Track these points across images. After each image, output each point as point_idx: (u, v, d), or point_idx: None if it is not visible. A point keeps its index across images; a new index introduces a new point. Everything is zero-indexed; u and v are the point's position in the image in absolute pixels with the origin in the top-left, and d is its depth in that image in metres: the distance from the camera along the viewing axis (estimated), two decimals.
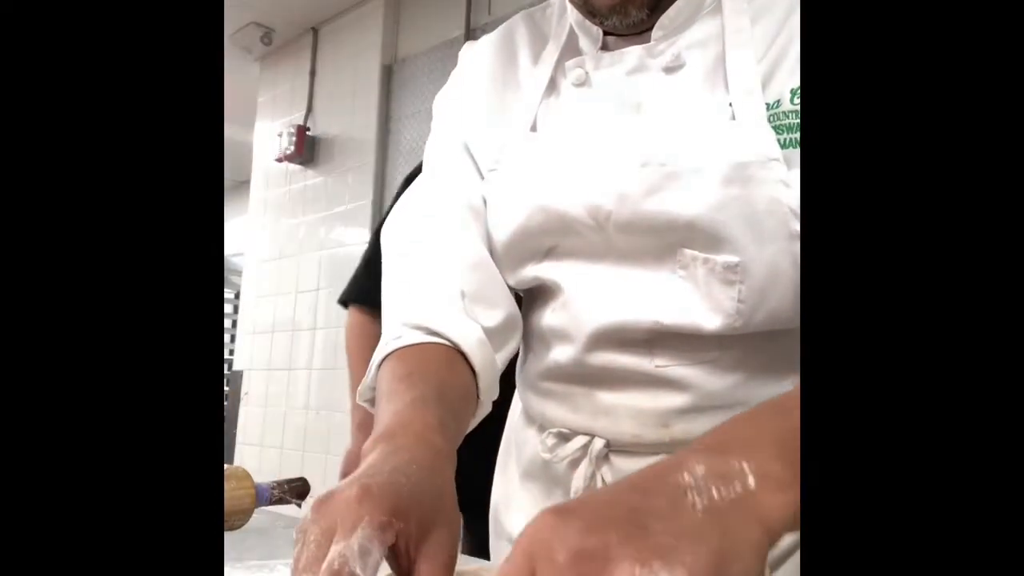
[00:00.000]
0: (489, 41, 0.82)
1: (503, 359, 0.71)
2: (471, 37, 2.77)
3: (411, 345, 0.64)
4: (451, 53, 2.31)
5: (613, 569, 0.33)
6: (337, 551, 0.42)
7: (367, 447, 0.52)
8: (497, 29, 0.82)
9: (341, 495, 0.45)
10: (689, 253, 0.64)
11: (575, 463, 0.71)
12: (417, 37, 3.11)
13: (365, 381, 0.65)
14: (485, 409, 0.67)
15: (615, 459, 0.69)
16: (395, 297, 0.71)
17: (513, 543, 0.36)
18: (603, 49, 0.71)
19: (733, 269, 0.62)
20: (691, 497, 0.36)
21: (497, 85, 0.77)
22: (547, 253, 0.71)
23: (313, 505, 0.46)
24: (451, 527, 0.47)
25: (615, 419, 0.68)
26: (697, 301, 0.64)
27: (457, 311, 0.67)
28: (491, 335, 0.68)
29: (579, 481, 0.70)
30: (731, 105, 0.63)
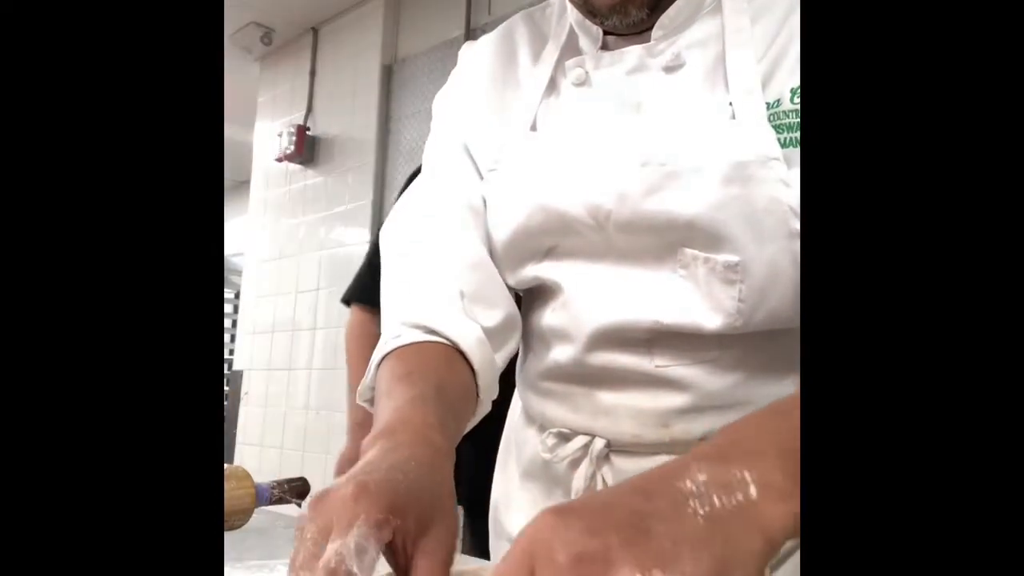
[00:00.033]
0: (489, 41, 0.81)
1: (502, 359, 0.70)
2: (471, 37, 2.77)
3: (410, 344, 0.64)
4: (451, 53, 2.30)
5: (614, 573, 0.33)
6: (333, 549, 0.42)
7: (366, 444, 0.52)
8: (497, 29, 0.82)
9: (337, 493, 0.44)
10: (689, 252, 0.64)
11: (575, 463, 0.71)
12: (417, 37, 3.11)
13: (365, 381, 0.65)
14: (485, 408, 0.67)
15: (616, 459, 0.69)
16: (394, 297, 0.71)
17: (513, 542, 0.36)
18: (603, 49, 0.71)
19: (733, 268, 0.62)
20: (693, 504, 0.36)
21: (497, 85, 0.77)
22: (547, 253, 0.71)
23: (310, 503, 0.46)
24: (449, 524, 0.47)
25: (615, 419, 0.68)
26: (697, 300, 0.64)
27: (456, 311, 0.67)
28: (490, 335, 0.68)
29: (580, 481, 0.70)
30: (731, 104, 0.63)
